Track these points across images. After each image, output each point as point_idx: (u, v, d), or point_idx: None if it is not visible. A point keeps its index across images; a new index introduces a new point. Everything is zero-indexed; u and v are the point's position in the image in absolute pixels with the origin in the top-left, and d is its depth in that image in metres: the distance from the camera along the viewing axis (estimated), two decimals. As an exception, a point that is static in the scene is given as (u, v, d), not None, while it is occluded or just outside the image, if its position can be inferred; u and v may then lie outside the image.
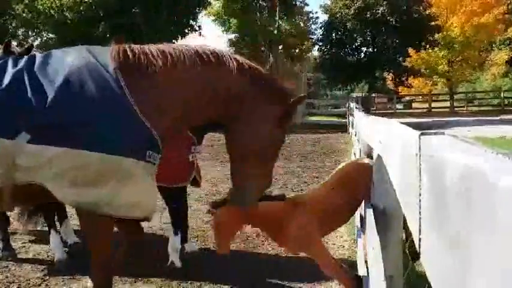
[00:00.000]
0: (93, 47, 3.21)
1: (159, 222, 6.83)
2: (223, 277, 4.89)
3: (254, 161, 3.30)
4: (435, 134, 1.02)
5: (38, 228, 6.16)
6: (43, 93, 2.90)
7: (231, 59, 3.23)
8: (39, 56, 3.12)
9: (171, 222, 5.29)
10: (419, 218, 0.97)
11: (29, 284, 4.70)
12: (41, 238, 5.97)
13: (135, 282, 4.86)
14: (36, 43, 33.69)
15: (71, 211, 5.49)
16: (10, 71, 3.00)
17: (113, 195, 2.93)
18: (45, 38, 33.33)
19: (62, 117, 2.88)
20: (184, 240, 5.40)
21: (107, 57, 3.04)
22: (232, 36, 41.99)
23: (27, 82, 2.92)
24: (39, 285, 4.70)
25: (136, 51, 3.11)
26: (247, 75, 3.23)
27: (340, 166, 4.08)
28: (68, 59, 3.02)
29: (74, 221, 5.66)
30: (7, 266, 5.28)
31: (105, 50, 3.14)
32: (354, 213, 4.20)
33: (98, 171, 2.89)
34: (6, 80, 2.95)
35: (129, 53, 3.07)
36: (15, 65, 3.04)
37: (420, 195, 0.96)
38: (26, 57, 3.13)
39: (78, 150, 2.84)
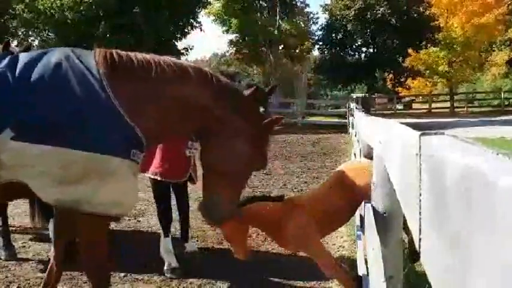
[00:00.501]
0: (76, 48, 3.27)
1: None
2: (223, 277, 4.89)
3: (222, 176, 3.42)
4: (435, 134, 1.02)
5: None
6: (27, 91, 2.91)
7: (211, 78, 3.36)
8: (23, 56, 3.13)
9: (160, 224, 5.26)
10: (420, 218, 0.97)
11: (28, 283, 4.70)
12: (41, 238, 5.97)
13: (134, 282, 4.86)
14: (36, 43, 33.71)
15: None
16: None
17: (94, 193, 2.96)
18: (45, 38, 33.29)
19: (47, 115, 2.90)
20: (184, 240, 5.41)
21: (91, 59, 3.09)
22: (232, 36, 42.01)
23: (11, 80, 2.92)
24: (39, 285, 4.69)
25: (123, 56, 3.18)
26: (226, 96, 3.36)
27: (340, 167, 4.08)
28: (52, 59, 3.05)
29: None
30: (7, 266, 5.28)
31: (88, 52, 3.20)
32: (354, 214, 4.21)
33: (82, 170, 2.91)
34: None
35: (115, 57, 3.13)
36: None
37: (420, 195, 0.96)
38: (9, 56, 3.12)
39: (63, 149, 2.86)
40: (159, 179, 5.04)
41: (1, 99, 2.89)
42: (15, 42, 33.92)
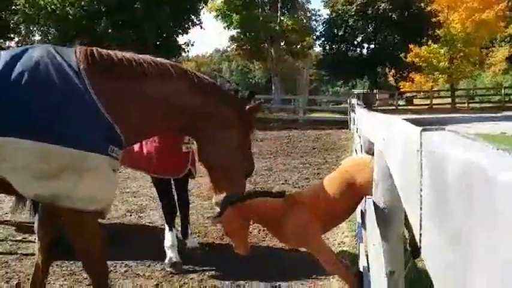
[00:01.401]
0: (57, 46, 3.30)
1: (160, 217, 6.84)
2: (224, 272, 4.90)
3: (221, 168, 3.58)
4: (436, 130, 1.02)
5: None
6: (8, 87, 2.93)
7: (190, 75, 3.46)
8: (4, 52, 3.15)
9: (165, 218, 5.30)
10: (420, 214, 0.97)
11: (28, 279, 4.71)
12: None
13: (136, 277, 4.88)
14: (37, 38, 33.70)
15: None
16: None
17: (73, 188, 2.98)
18: (46, 33, 33.25)
19: (27, 111, 2.91)
20: (185, 235, 5.42)
21: (72, 56, 3.12)
22: (234, 32, 41.97)
23: None
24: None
25: (103, 54, 3.22)
26: (206, 91, 3.46)
27: (341, 162, 4.08)
28: (34, 56, 3.07)
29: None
30: (7, 261, 5.29)
31: (70, 50, 3.23)
32: (355, 210, 4.21)
33: (61, 165, 2.93)
34: None
35: (95, 54, 3.17)
36: None
37: (421, 190, 0.96)
38: None
39: (43, 144, 2.87)
40: (159, 176, 5.08)
41: None
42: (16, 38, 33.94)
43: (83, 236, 3.26)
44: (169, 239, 5.15)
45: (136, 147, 4.90)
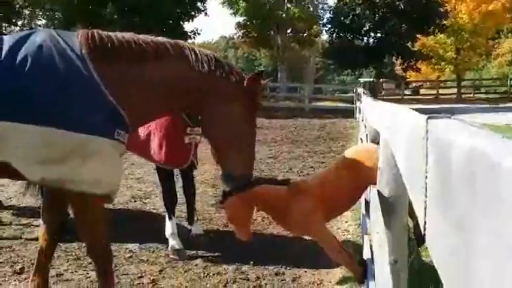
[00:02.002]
0: (60, 30, 3.31)
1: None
2: (228, 259, 4.93)
3: (229, 146, 3.50)
4: (442, 117, 1.01)
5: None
6: (10, 71, 2.93)
7: (190, 52, 3.39)
8: (7, 37, 3.15)
9: (165, 206, 5.31)
10: (425, 201, 0.97)
11: (33, 264, 4.76)
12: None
13: (140, 263, 4.91)
14: (42, 22, 33.64)
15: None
16: None
17: (77, 172, 2.98)
18: (52, 18, 33.19)
19: (31, 95, 2.91)
20: (191, 222, 5.45)
21: (74, 40, 3.12)
22: (240, 19, 41.74)
23: None
24: (46, 264, 4.75)
25: (104, 36, 3.21)
26: (207, 66, 3.39)
27: (346, 151, 4.08)
28: (37, 40, 3.06)
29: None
30: (11, 246, 5.33)
31: (72, 33, 3.23)
32: (360, 198, 4.21)
33: (66, 149, 2.93)
34: None
35: (96, 37, 3.16)
36: None
37: (426, 178, 0.96)
38: None
39: (47, 128, 2.87)
40: (160, 166, 5.10)
41: None
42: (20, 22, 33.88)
43: (88, 220, 3.29)
44: (169, 227, 5.18)
45: (141, 135, 4.90)
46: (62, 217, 3.74)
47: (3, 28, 30.97)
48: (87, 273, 4.56)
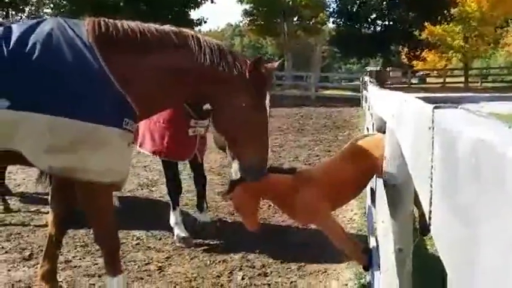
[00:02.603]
0: (68, 19, 3.28)
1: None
2: (234, 247, 4.96)
3: (242, 137, 3.46)
4: (449, 107, 1.02)
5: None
6: (21, 61, 2.93)
7: (194, 41, 3.35)
8: (16, 26, 3.14)
9: (169, 197, 5.31)
10: (431, 191, 0.98)
11: (41, 250, 4.81)
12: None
13: (147, 250, 4.95)
14: (49, 11, 33.61)
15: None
16: None
17: (86, 161, 3.00)
18: (59, 6, 33.14)
19: (39, 84, 2.92)
20: (200, 209, 5.43)
21: (82, 29, 3.11)
22: (247, 6, 41.54)
23: (4, 50, 2.93)
24: (54, 250, 4.80)
25: (110, 25, 3.19)
26: (209, 58, 3.33)
27: (352, 139, 4.07)
28: (45, 28, 3.06)
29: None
30: (20, 233, 5.38)
31: (79, 22, 3.22)
32: (365, 187, 4.21)
33: (74, 138, 2.94)
34: None
35: (102, 26, 3.15)
36: None
37: (432, 167, 0.96)
38: (2, 27, 3.13)
39: (56, 117, 2.88)
40: (162, 158, 5.08)
41: None
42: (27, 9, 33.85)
43: (95, 208, 3.31)
44: (173, 217, 5.20)
45: (142, 128, 4.87)
46: (70, 205, 3.77)
47: (11, 15, 30.98)
48: (95, 260, 4.60)
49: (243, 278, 4.28)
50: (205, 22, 34.59)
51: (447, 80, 40.20)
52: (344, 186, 3.74)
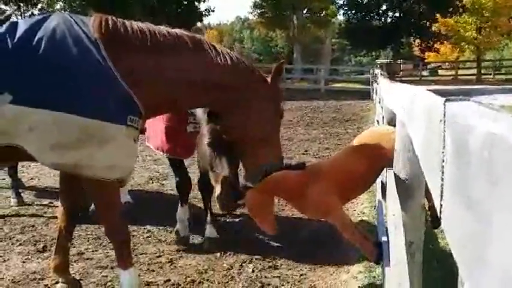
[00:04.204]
0: (74, 14, 3.29)
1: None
2: (243, 240, 4.98)
3: (261, 137, 3.49)
4: (460, 100, 1.01)
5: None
6: (26, 56, 2.94)
7: (208, 46, 3.37)
8: (22, 21, 3.15)
9: (178, 193, 5.19)
10: (442, 185, 0.97)
11: (54, 242, 4.87)
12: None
13: (158, 243, 4.98)
14: (59, 6, 33.73)
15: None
16: None
17: (92, 158, 3.01)
18: (69, 1, 33.26)
19: (44, 80, 2.92)
20: (206, 221, 5.14)
21: (88, 25, 3.11)
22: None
23: (10, 46, 2.94)
24: (66, 243, 4.84)
25: (118, 23, 3.19)
26: (225, 62, 3.35)
27: (363, 132, 4.06)
28: (51, 25, 3.06)
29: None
30: (33, 225, 5.44)
31: (86, 19, 3.21)
32: (376, 180, 4.20)
33: (79, 135, 2.95)
34: None
35: (110, 23, 3.15)
36: None
37: (443, 161, 0.96)
38: (8, 22, 3.14)
39: (60, 113, 2.89)
40: (165, 155, 5.01)
41: (0, 64, 2.91)
42: (39, 6, 34.02)
43: (103, 203, 3.35)
44: (180, 212, 5.08)
45: (148, 122, 4.78)
46: (78, 198, 3.80)
47: (23, 10, 31.14)
48: (107, 252, 4.64)
49: (253, 271, 4.30)
50: (213, 11, 34.54)
51: (459, 72, 39.85)
52: (354, 180, 3.73)
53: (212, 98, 3.44)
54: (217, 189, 3.78)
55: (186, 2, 32.30)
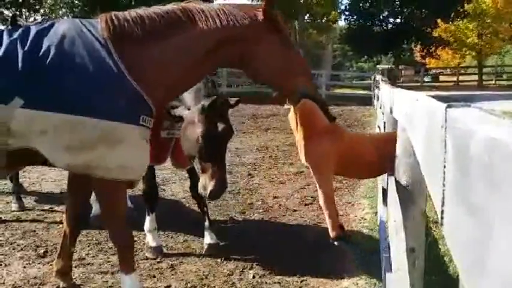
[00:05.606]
0: (83, 19, 3.30)
1: (182, 190, 6.94)
2: (244, 245, 4.96)
3: (287, 72, 3.38)
4: (461, 106, 1.01)
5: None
6: (37, 60, 2.96)
7: (198, 12, 3.29)
8: (33, 27, 3.18)
9: (144, 201, 5.00)
10: (443, 190, 0.97)
11: (56, 247, 4.85)
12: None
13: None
14: (61, 13, 33.83)
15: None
16: (5, 40, 3.02)
17: (104, 159, 3.02)
18: (71, 5, 33.38)
19: (55, 83, 2.94)
20: (205, 228, 4.96)
21: (96, 26, 3.13)
22: (257, 3, 41.54)
23: (21, 50, 2.96)
24: (67, 248, 4.83)
25: (120, 18, 3.19)
26: (231, 21, 3.28)
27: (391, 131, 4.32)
28: (61, 29, 3.09)
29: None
30: (34, 230, 5.44)
31: (93, 21, 3.23)
32: (376, 175, 4.51)
33: (91, 136, 2.96)
34: (1, 48, 2.99)
35: (114, 20, 3.15)
36: (10, 35, 3.07)
37: (445, 167, 0.96)
38: (21, 28, 3.18)
39: (72, 115, 2.91)
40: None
41: (11, 68, 2.93)
42: (41, 11, 34.16)
43: (110, 205, 3.35)
44: (147, 223, 4.89)
45: None
46: (84, 204, 3.81)
47: (26, 16, 31.24)
48: (108, 258, 4.63)
49: (254, 276, 4.28)
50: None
51: (460, 78, 39.90)
52: (358, 164, 4.28)
53: (221, 59, 3.42)
54: (204, 180, 3.91)
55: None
